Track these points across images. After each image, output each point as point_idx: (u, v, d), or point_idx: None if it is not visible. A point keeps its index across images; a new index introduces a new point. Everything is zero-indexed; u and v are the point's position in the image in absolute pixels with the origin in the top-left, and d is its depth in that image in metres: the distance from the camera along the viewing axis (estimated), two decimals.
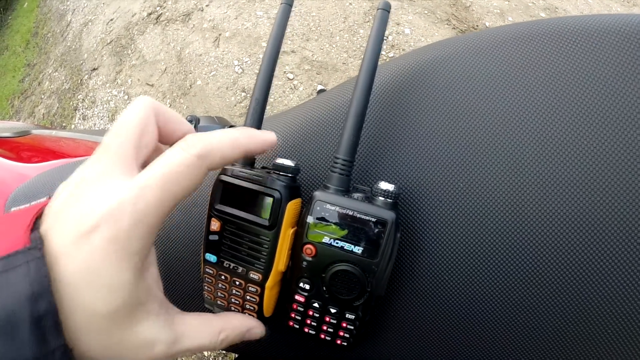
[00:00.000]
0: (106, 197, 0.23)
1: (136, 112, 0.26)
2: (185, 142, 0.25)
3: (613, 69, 0.30)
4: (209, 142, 0.25)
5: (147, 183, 0.23)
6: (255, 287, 0.33)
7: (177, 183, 0.24)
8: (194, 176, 0.25)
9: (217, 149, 0.26)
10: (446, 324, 0.33)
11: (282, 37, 0.35)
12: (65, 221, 0.23)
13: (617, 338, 0.29)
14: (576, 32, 0.32)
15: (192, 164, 0.24)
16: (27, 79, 2.96)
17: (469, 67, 0.34)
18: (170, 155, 0.24)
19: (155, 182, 0.23)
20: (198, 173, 0.25)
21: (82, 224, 0.22)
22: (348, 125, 0.32)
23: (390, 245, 0.30)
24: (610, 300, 0.29)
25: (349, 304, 0.32)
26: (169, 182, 0.24)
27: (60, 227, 0.23)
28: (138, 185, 0.23)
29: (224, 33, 2.23)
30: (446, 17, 2.00)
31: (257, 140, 0.28)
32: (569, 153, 0.30)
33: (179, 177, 0.24)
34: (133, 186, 0.23)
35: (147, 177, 0.23)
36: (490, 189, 0.32)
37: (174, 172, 0.24)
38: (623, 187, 0.29)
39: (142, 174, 0.24)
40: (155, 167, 0.24)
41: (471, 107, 0.33)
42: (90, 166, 0.25)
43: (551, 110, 0.31)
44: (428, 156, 0.33)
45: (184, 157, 0.24)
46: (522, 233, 0.31)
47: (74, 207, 0.23)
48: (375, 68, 0.32)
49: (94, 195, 0.23)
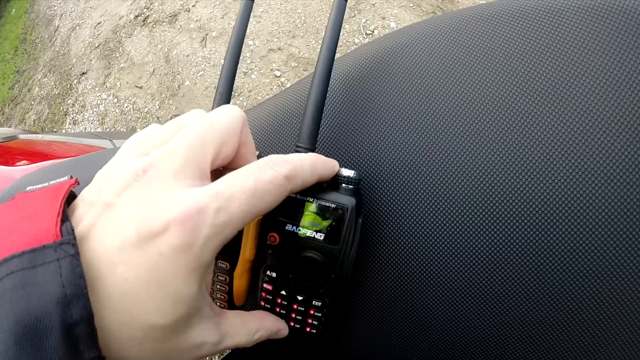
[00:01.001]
0: (181, 199, 0.20)
1: (228, 118, 0.24)
2: (272, 162, 0.24)
3: (576, 44, 0.30)
4: (294, 165, 0.24)
5: (234, 195, 0.21)
6: (224, 276, 0.33)
7: (263, 200, 0.22)
8: (278, 196, 0.23)
9: (301, 173, 0.25)
10: (418, 310, 0.34)
11: (245, 32, 0.36)
12: (119, 219, 0.20)
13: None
14: (537, 9, 0.32)
15: (281, 184, 0.23)
16: (17, 86, 2.94)
17: (429, 52, 0.34)
18: (258, 171, 0.23)
19: (243, 196, 0.21)
20: (282, 193, 0.24)
21: (147, 226, 0.20)
22: (307, 113, 0.32)
23: (351, 231, 0.30)
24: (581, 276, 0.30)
25: (315, 290, 0.32)
26: (256, 198, 0.22)
27: (112, 225, 0.20)
28: (223, 195, 0.21)
29: (210, 33, 2.23)
30: (432, 10, 2.00)
31: (329, 167, 0.29)
32: (533, 134, 0.30)
33: (266, 195, 0.22)
34: (217, 195, 0.21)
35: (233, 189, 0.22)
36: (451, 172, 0.32)
37: (263, 189, 0.22)
38: (588, 162, 0.29)
39: (224, 184, 0.22)
40: (240, 179, 0.22)
41: (431, 92, 0.33)
42: (158, 160, 0.22)
43: (513, 91, 0.31)
44: (389, 142, 0.34)
45: (274, 175, 0.23)
46: (488, 216, 0.31)
47: (133, 203, 0.21)
48: (332, 57, 0.33)
49: (163, 193, 0.21)
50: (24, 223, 0.20)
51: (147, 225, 0.20)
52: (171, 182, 0.21)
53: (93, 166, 0.48)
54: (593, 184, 0.29)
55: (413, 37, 0.35)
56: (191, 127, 0.23)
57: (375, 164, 0.34)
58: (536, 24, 0.32)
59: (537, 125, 0.30)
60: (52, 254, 0.18)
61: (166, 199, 0.20)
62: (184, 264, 0.20)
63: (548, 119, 0.30)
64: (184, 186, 0.21)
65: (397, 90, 0.34)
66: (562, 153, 0.29)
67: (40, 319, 0.17)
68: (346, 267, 0.31)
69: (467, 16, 0.34)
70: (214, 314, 0.26)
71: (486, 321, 0.32)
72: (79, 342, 0.18)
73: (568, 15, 0.31)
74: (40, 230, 0.19)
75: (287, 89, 0.40)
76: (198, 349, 0.24)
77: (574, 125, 0.29)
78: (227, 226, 0.21)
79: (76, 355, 0.18)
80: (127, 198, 0.21)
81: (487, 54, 0.32)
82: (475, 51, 0.33)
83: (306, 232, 0.31)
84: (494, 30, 0.33)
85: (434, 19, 0.36)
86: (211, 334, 0.25)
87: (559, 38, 0.31)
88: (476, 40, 0.33)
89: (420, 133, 0.33)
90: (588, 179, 0.29)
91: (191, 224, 0.20)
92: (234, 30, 0.36)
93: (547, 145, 0.30)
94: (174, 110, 2.04)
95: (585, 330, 0.30)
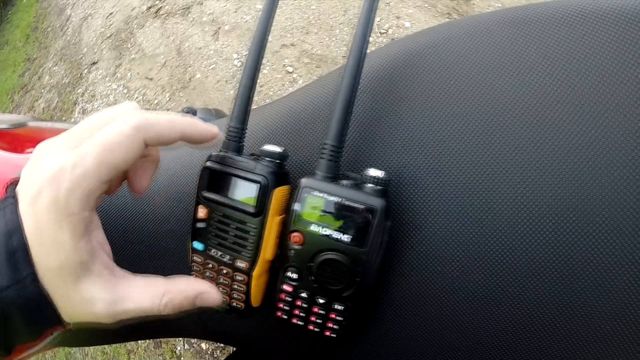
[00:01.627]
0: (51, 163, 0.25)
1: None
2: (127, 115, 0.26)
3: (609, 52, 0.29)
4: (146, 116, 0.27)
5: (86, 151, 0.25)
6: (243, 276, 0.32)
7: (114, 151, 0.25)
8: (131, 145, 0.26)
9: (153, 124, 0.27)
10: (439, 316, 0.32)
11: (270, 26, 0.34)
12: (25, 185, 0.26)
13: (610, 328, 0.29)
14: (572, 14, 0.31)
15: (129, 134, 0.26)
16: (27, 74, 2.95)
17: (461, 52, 0.33)
18: (111, 127, 0.26)
19: (93, 150, 0.25)
20: (134, 142, 0.26)
21: (32, 188, 0.25)
22: (336, 111, 0.31)
23: (379, 233, 0.29)
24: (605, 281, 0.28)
25: (338, 294, 0.31)
26: (107, 150, 0.25)
27: (22, 191, 0.26)
28: (78, 152, 0.25)
29: (223, 26, 2.21)
30: (447, 11, 1.98)
31: (196, 127, 0.29)
32: (565, 137, 0.29)
33: (116, 146, 0.25)
34: (73, 154, 0.25)
35: (86, 146, 0.25)
36: (482, 175, 0.31)
37: (112, 142, 0.25)
38: (621, 168, 0.28)
39: (84, 144, 0.25)
40: (96, 136, 0.26)
41: (463, 92, 0.32)
42: (54, 139, 0.27)
43: (546, 94, 0.30)
44: (419, 143, 0.33)
45: (122, 127, 0.26)
46: (516, 220, 0.30)
47: (30, 172, 0.26)
48: (363, 54, 0.31)
49: (44, 162, 0.25)
50: None
51: (33, 189, 0.25)
52: (52, 154, 0.26)
53: None
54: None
55: (443, 37, 0.34)
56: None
57: (404, 165, 0.33)
58: (563, 28, 0.31)
59: (568, 138, 0.29)
60: (0, 204, 0.25)
61: (44, 165, 0.25)
62: (54, 214, 0.24)
63: (589, 128, 0.29)
64: (58, 153, 0.26)
65: (428, 90, 0.33)
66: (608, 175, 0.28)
67: None
68: (372, 271, 0.30)
69: (497, 19, 0.33)
70: (109, 273, 0.28)
71: (514, 330, 0.31)
72: (18, 263, 0.24)
73: (606, 21, 0.30)
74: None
75: (314, 82, 0.39)
76: (90, 305, 0.26)
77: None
78: (84, 178, 0.25)
79: (17, 272, 0.24)
80: (28, 169, 0.26)
81: (519, 57, 0.31)
82: (507, 54, 0.32)
83: (332, 233, 0.30)
84: (526, 33, 0.32)
85: (465, 19, 0.35)
86: (102, 292, 0.27)
87: (590, 43, 0.30)
88: (508, 43, 0.32)
89: (450, 136, 0.32)
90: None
91: (55, 180, 0.24)
92: (257, 25, 0.34)
93: (592, 152, 0.29)
94: (185, 102, 2.03)
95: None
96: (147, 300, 0.28)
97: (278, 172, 0.31)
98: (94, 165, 0.25)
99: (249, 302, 0.33)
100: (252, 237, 0.31)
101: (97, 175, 0.25)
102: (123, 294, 0.28)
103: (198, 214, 0.32)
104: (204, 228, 0.33)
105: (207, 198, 0.32)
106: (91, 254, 0.27)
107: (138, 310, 0.28)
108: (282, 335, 0.39)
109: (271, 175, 0.30)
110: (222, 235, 0.32)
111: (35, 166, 0.26)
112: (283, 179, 0.31)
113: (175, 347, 1.49)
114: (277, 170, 0.31)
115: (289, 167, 0.35)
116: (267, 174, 0.30)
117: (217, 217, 0.32)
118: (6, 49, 3.32)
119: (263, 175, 0.30)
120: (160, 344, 1.52)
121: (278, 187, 0.31)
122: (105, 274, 0.28)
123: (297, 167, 0.36)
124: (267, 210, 0.30)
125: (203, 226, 0.32)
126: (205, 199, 0.32)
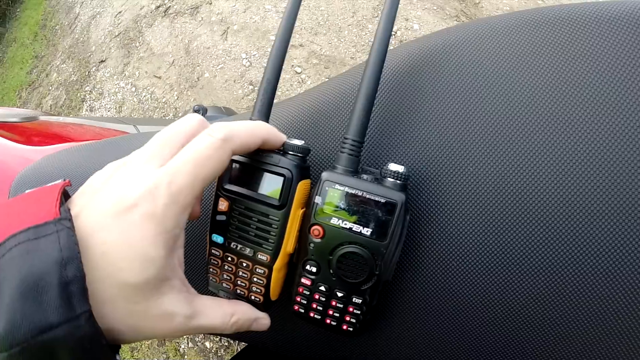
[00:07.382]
0: (143, 179, 0.25)
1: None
2: (211, 129, 0.27)
3: (625, 55, 0.30)
4: (230, 127, 0.28)
5: (179, 167, 0.25)
6: (263, 269, 0.32)
7: (205, 165, 0.26)
8: (220, 158, 0.27)
9: (237, 134, 0.28)
10: (454, 314, 0.33)
11: (292, 28, 0.35)
12: (103, 199, 0.25)
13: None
14: (588, 18, 0.31)
15: (218, 147, 0.26)
16: (35, 71, 2.96)
17: (479, 52, 0.33)
18: (199, 141, 0.27)
19: (185, 166, 0.25)
20: (223, 154, 0.27)
21: (122, 202, 0.24)
22: (358, 106, 0.31)
23: (399, 227, 0.30)
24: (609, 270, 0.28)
25: (357, 287, 0.31)
26: (199, 165, 0.26)
27: (98, 204, 0.25)
28: (171, 169, 0.25)
29: (232, 26, 2.22)
30: (455, 14, 1.99)
31: (272, 132, 0.31)
32: (580, 139, 0.30)
33: (207, 160, 0.26)
34: (167, 170, 0.25)
35: (177, 163, 0.26)
36: (500, 173, 0.31)
37: (203, 156, 0.26)
38: (631, 173, 0.28)
39: (174, 160, 0.26)
40: (185, 152, 0.26)
41: (481, 92, 0.32)
42: (129, 158, 0.27)
43: (562, 96, 0.30)
44: (438, 139, 0.33)
45: (211, 141, 0.26)
46: (533, 219, 0.30)
47: (113, 187, 0.25)
48: (385, 50, 0.32)
49: (132, 178, 0.25)
50: (29, 208, 0.25)
51: (122, 202, 0.24)
52: (138, 169, 0.26)
53: (118, 149, 0.48)
54: None
55: (462, 38, 0.34)
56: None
57: (423, 161, 0.33)
58: (583, 31, 0.31)
59: (593, 137, 0.29)
60: (52, 227, 0.23)
61: (134, 180, 0.25)
62: (150, 228, 0.24)
63: (603, 131, 0.29)
64: (146, 169, 0.26)
65: (448, 88, 0.33)
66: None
67: (41, 277, 0.21)
68: (391, 265, 0.30)
69: (517, 20, 0.33)
70: (186, 290, 0.29)
71: (528, 331, 0.31)
72: (73, 298, 0.22)
73: (622, 25, 0.30)
74: (43, 212, 0.24)
75: (335, 78, 0.39)
76: (169, 319, 0.27)
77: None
78: (180, 194, 0.25)
79: (71, 309, 0.22)
80: (108, 184, 0.26)
81: (538, 58, 0.32)
82: (527, 55, 0.32)
83: (352, 226, 0.30)
84: (545, 35, 0.32)
85: (481, 21, 0.35)
86: (182, 307, 0.27)
87: (611, 48, 0.30)
88: (527, 45, 0.32)
89: (470, 134, 0.32)
90: None
91: (152, 197, 0.24)
92: (280, 26, 0.35)
93: (606, 156, 0.29)
94: (192, 101, 2.03)
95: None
96: (219, 319, 0.30)
97: (301, 166, 0.31)
98: (188, 181, 0.25)
99: (268, 295, 0.33)
100: (274, 230, 0.31)
101: (191, 191, 0.26)
102: (199, 310, 0.29)
103: (219, 206, 0.33)
104: (224, 221, 0.33)
105: (229, 191, 0.32)
106: (174, 270, 0.27)
107: (209, 326, 0.29)
108: (297, 330, 0.39)
109: (295, 168, 0.30)
110: (244, 228, 0.32)
111: (119, 181, 0.25)
112: (306, 173, 0.32)
113: (179, 345, 1.49)
114: (300, 163, 0.31)
115: (309, 161, 0.36)
116: (292, 167, 0.30)
117: (239, 210, 0.32)
118: (14, 46, 3.33)
119: (288, 168, 0.30)
120: (164, 342, 1.52)
121: (301, 181, 0.31)
122: (184, 290, 0.28)
123: (317, 162, 0.36)
124: (291, 203, 0.31)
125: (223, 219, 0.33)
126: (227, 191, 0.32)
